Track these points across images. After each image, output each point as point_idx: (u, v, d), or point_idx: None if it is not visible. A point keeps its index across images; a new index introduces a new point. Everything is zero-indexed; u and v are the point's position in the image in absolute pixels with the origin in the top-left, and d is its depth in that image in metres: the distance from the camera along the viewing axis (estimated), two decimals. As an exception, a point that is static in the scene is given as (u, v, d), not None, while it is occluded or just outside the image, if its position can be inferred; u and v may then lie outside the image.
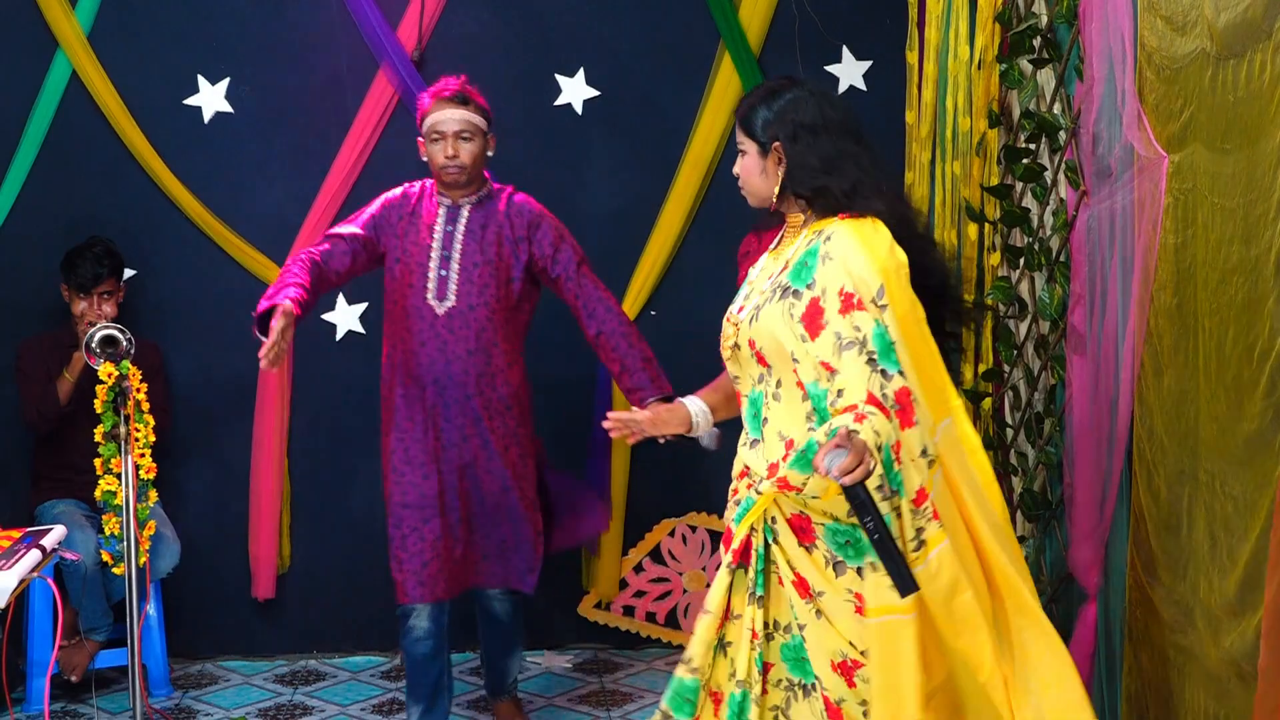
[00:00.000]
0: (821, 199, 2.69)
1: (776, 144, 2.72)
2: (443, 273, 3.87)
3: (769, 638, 2.67)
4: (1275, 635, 2.30)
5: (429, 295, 3.88)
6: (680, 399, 3.00)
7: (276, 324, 3.57)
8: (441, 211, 3.93)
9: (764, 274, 2.80)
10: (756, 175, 2.78)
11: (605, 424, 2.96)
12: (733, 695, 2.65)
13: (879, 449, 2.48)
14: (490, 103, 3.97)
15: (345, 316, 4.84)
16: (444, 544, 3.90)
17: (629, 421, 2.93)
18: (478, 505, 3.95)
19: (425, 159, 3.94)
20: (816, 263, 2.63)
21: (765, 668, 2.67)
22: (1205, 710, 2.67)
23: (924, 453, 2.57)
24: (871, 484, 2.46)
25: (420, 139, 3.94)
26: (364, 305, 4.80)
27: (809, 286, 2.62)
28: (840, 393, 2.56)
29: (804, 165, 2.70)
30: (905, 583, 2.45)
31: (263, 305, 3.70)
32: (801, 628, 2.62)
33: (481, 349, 3.87)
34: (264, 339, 3.61)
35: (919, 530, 2.56)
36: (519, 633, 4.22)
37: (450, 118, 3.86)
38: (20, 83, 4.67)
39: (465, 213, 3.92)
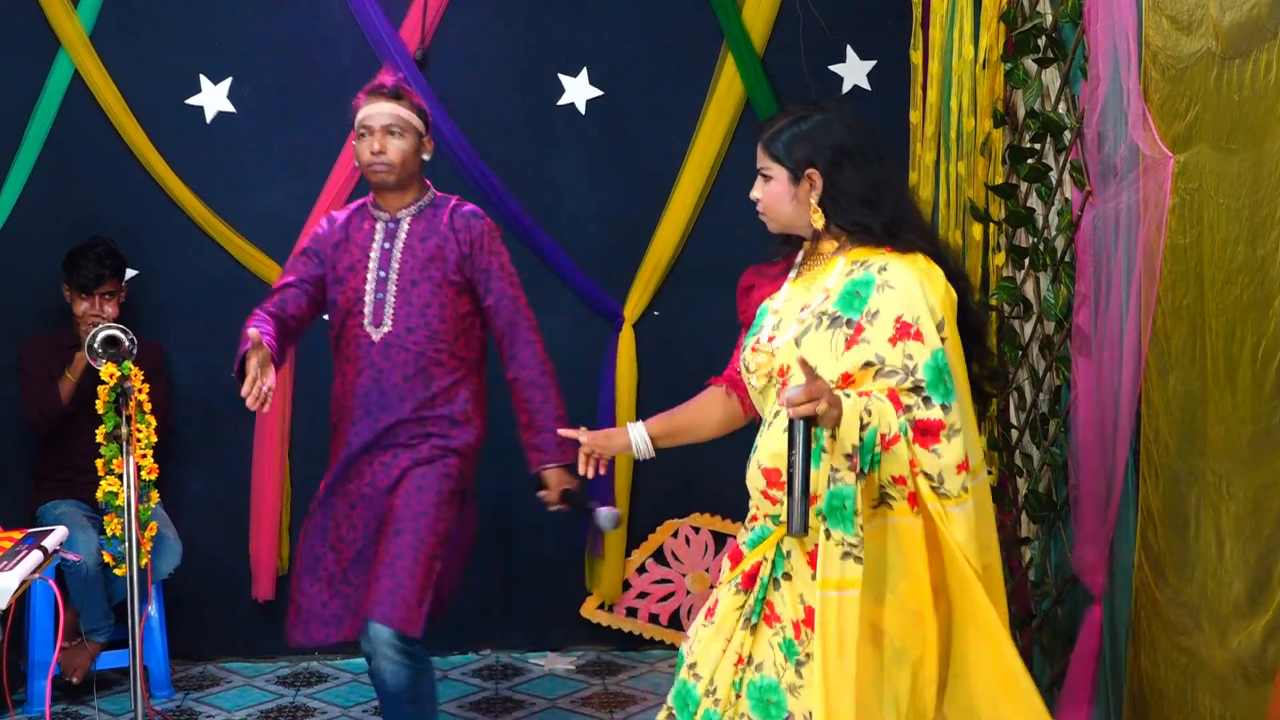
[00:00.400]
0: (865, 229, 2.62)
1: (811, 171, 2.64)
2: (379, 296, 3.62)
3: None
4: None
5: (365, 321, 3.63)
6: (628, 423, 3.01)
7: (252, 360, 3.34)
8: (379, 228, 3.69)
9: (793, 303, 2.68)
10: (786, 202, 2.68)
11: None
12: (709, 713, 2.60)
13: (864, 427, 2.43)
14: (493, 102, 3.93)
15: (347, 317, 4.83)
16: (348, 583, 3.65)
17: (580, 453, 3.01)
18: (374, 540, 3.63)
19: (358, 163, 3.72)
20: (872, 291, 2.55)
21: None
22: (1210, 712, 2.66)
23: (940, 479, 2.50)
24: (843, 449, 2.43)
25: (353, 142, 3.74)
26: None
27: (860, 313, 2.55)
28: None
29: (846, 193, 2.62)
30: (795, 523, 2.37)
31: (237, 362, 3.47)
32: (800, 664, 2.56)
33: (420, 372, 3.61)
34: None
35: (887, 498, 2.51)
36: (411, 705, 3.62)
37: (379, 111, 3.64)
38: (22, 83, 4.67)
39: (405, 226, 3.67)
